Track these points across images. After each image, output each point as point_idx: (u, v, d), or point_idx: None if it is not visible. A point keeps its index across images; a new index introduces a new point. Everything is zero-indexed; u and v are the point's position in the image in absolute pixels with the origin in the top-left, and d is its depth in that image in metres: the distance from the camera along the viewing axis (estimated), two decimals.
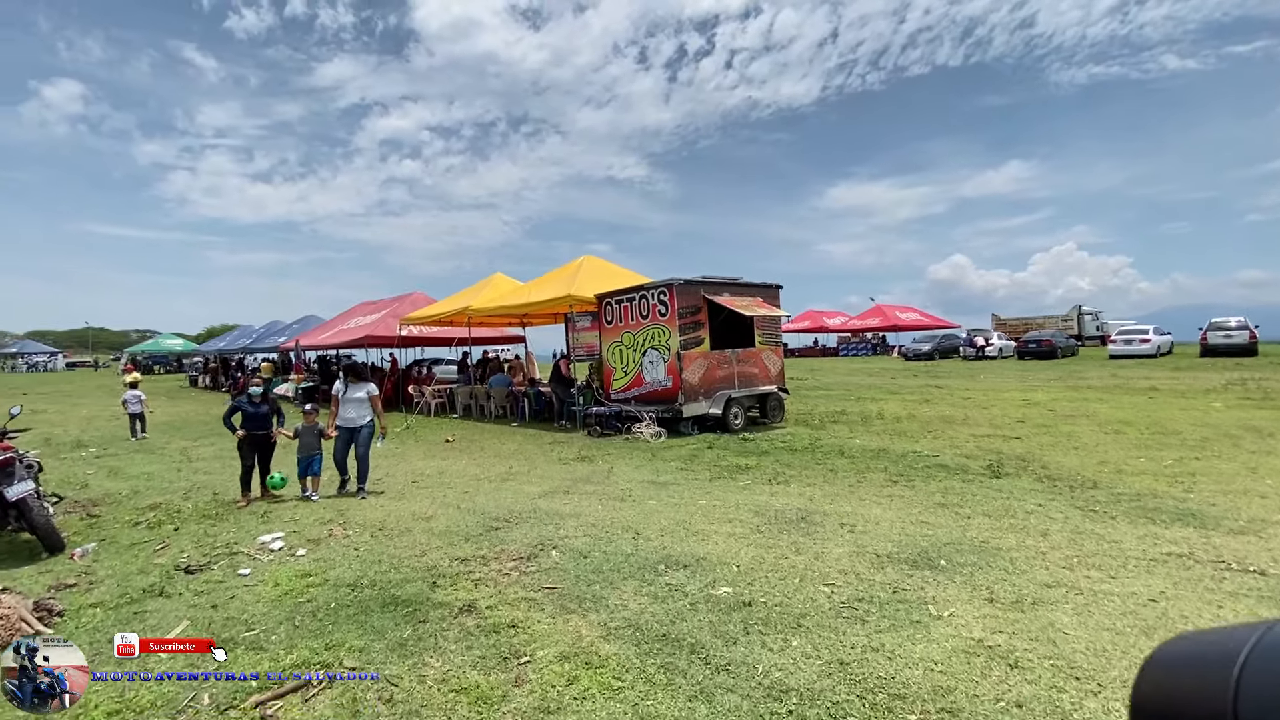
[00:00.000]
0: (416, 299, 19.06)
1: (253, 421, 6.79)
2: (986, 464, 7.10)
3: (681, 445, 9.31)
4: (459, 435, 11.58)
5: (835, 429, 10.35)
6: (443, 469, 8.27)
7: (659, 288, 10.48)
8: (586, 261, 13.30)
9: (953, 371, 23.94)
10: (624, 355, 11.23)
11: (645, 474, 7.38)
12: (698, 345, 10.50)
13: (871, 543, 4.63)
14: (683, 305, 10.31)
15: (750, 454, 8.35)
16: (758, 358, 11.57)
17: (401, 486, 7.32)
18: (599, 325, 11.76)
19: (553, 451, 9.33)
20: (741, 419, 10.77)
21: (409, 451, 9.93)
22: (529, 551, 4.71)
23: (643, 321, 10.80)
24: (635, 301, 10.92)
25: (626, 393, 11.23)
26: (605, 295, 11.53)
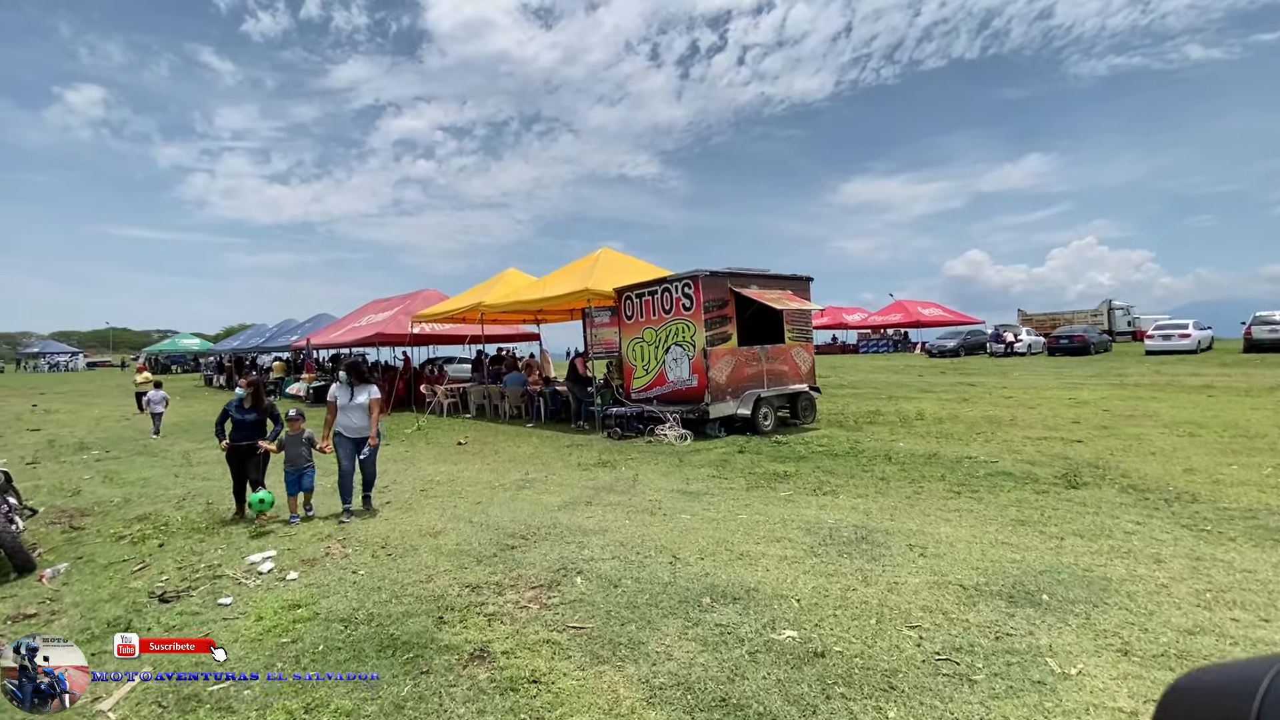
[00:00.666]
0: (428, 296, 18.57)
1: (239, 430, 5.98)
2: (1058, 472, 6.35)
3: (709, 449, 8.65)
4: (472, 437, 11.01)
5: (874, 431, 9.61)
6: (454, 475, 7.68)
7: (683, 280, 9.80)
8: (604, 254, 12.67)
9: (983, 368, 22.99)
10: (645, 352, 10.58)
11: (674, 482, 6.73)
12: (724, 341, 9.82)
13: (951, 570, 3.94)
14: (709, 299, 9.63)
15: (787, 459, 7.66)
16: (787, 355, 10.86)
17: (409, 495, 6.73)
18: (618, 321, 11.13)
19: (571, 455, 8.71)
20: (771, 420, 10.08)
21: (419, 455, 9.37)
22: (550, 578, 4.08)
23: (665, 316, 10.14)
24: (658, 295, 10.25)
25: (648, 392, 10.58)
26: (625, 289, 10.88)
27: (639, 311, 10.65)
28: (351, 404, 5.92)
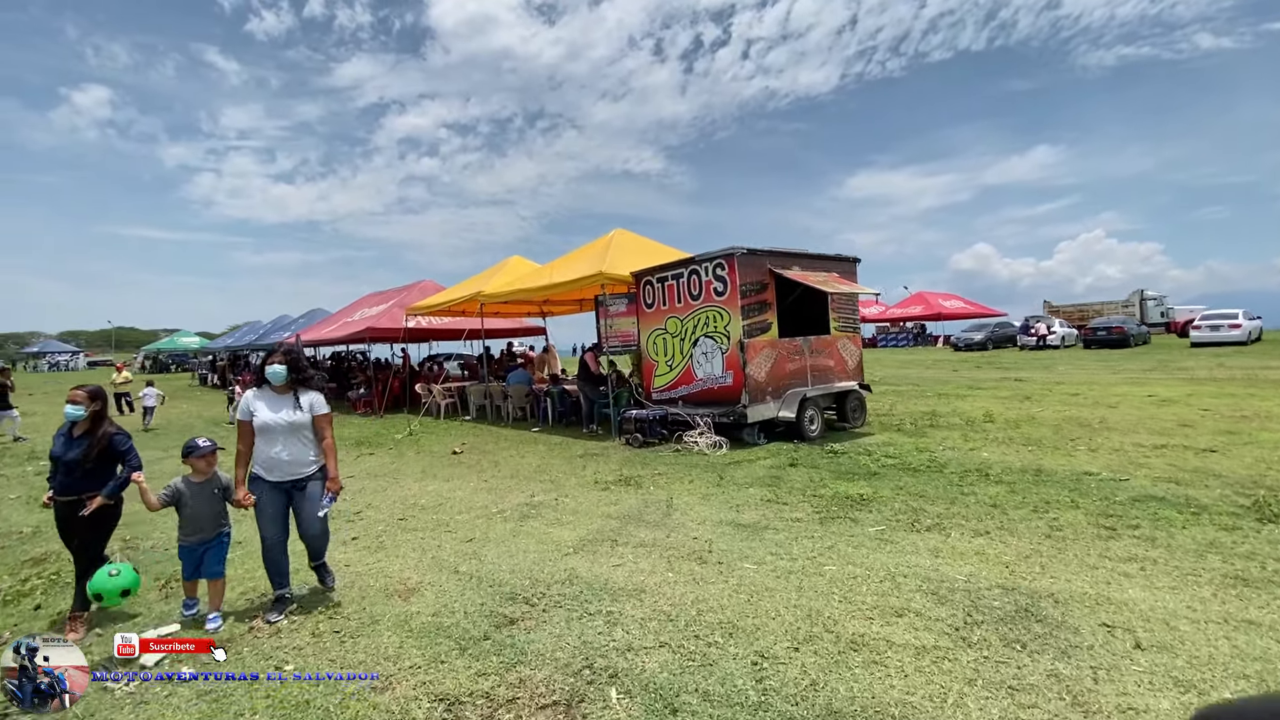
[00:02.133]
0: (425, 287, 17.15)
1: (65, 474, 3.50)
2: (1227, 496, 4.86)
3: (751, 459, 7.19)
4: (469, 444, 9.59)
5: (942, 437, 8.12)
6: (444, 496, 6.25)
7: (715, 260, 8.32)
8: (618, 236, 11.20)
9: (1020, 362, 21.41)
10: (669, 345, 9.12)
11: (719, 508, 5.28)
12: (764, 332, 8.35)
13: (1201, 677, 2.48)
14: (746, 282, 8.15)
15: (854, 476, 6.19)
16: (833, 347, 9.38)
17: (384, 528, 5.30)
18: (636, 309, 9.67)
19: (585, 469, 7.27)
20: (818, 424, 8.60)
21: (405, 467, 7.95)
22: (569, 689, 2.64)
23: (693, 304, 8.67)
24: (684, 278, 8.78)
25: (672, 391, 9.12)
26: (644, 272, 9.41)
27: (661, 298, 9.18)
28: (275, 423, 3.52)
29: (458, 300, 13.01)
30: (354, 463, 8.44)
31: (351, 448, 9.80)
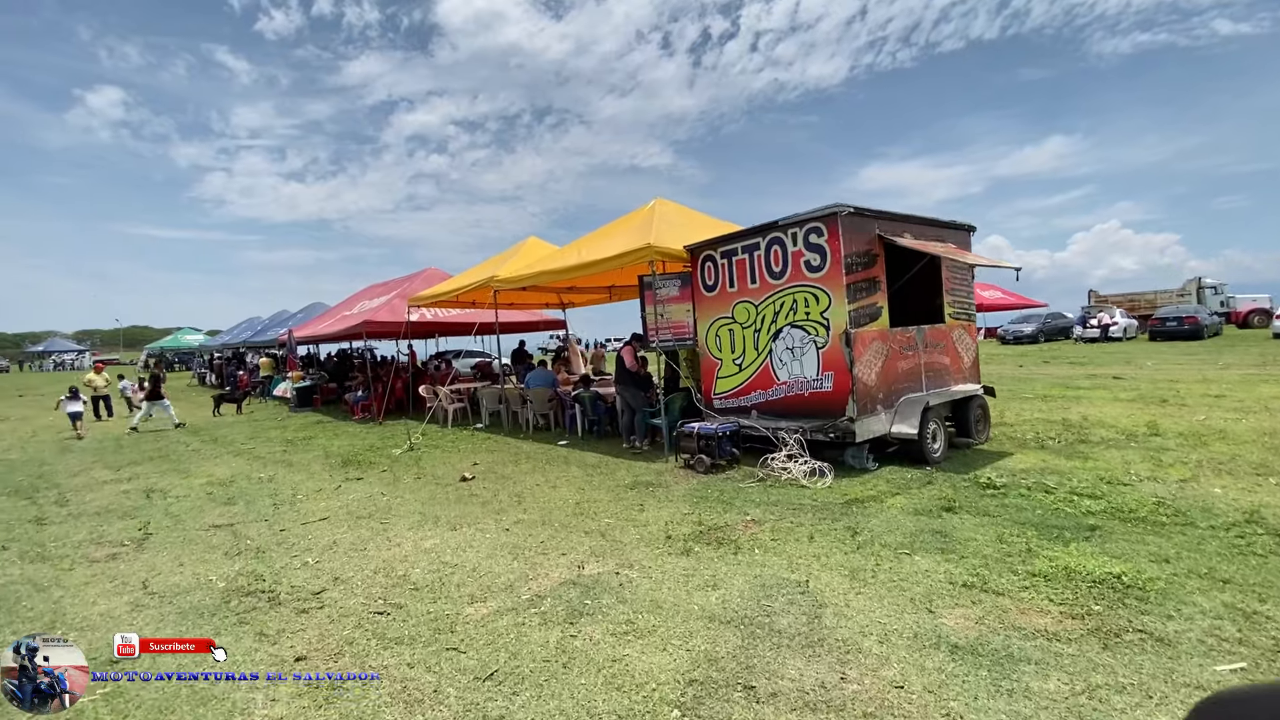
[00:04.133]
0: (430, 276, 15.21)
1: None
2: None
3: (875, 495, 5.15)
4: (483, 464, 7.61)
5: (1114, 459, 6.03)
6: (448, 561, 4.26)
7: (809, 224, 6.24)
8: (660, 206, 9.15)
9: (1090, 356, 19.11)
10: (737, 339, 7.06)
11: (893, 603, 3.24)
12: (873, 319, 6.28)
13: None
14: (852, 252, 6.08)
15: (1065, 531, 4.11)
16: (949, 340, 7.30)
17: (352, 628, 3.32)
18: (692, 293, 7.61)
19: (644, 508, 5.25)
20: (941, 441, 6.53)
21: (399, 502, 5.97)
22: None
23: (773, 283, 6.61)
24: (761, 251, 6.70)
25: (741, 397, 7.07)
26: (704, 246, 7.35)
27: (727, 278, 7.12)
28: None
29: (467, 288, 11.02)
30: (334, 493, 6.48)
31: (337, 469, 7.85)
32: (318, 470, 7.85)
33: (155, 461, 9.19)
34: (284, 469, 8.05)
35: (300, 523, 5.41)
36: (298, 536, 5.01)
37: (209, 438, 11.52)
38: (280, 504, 6.17)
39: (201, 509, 6.13)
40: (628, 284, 12.48)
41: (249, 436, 11.47)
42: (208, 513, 5.96)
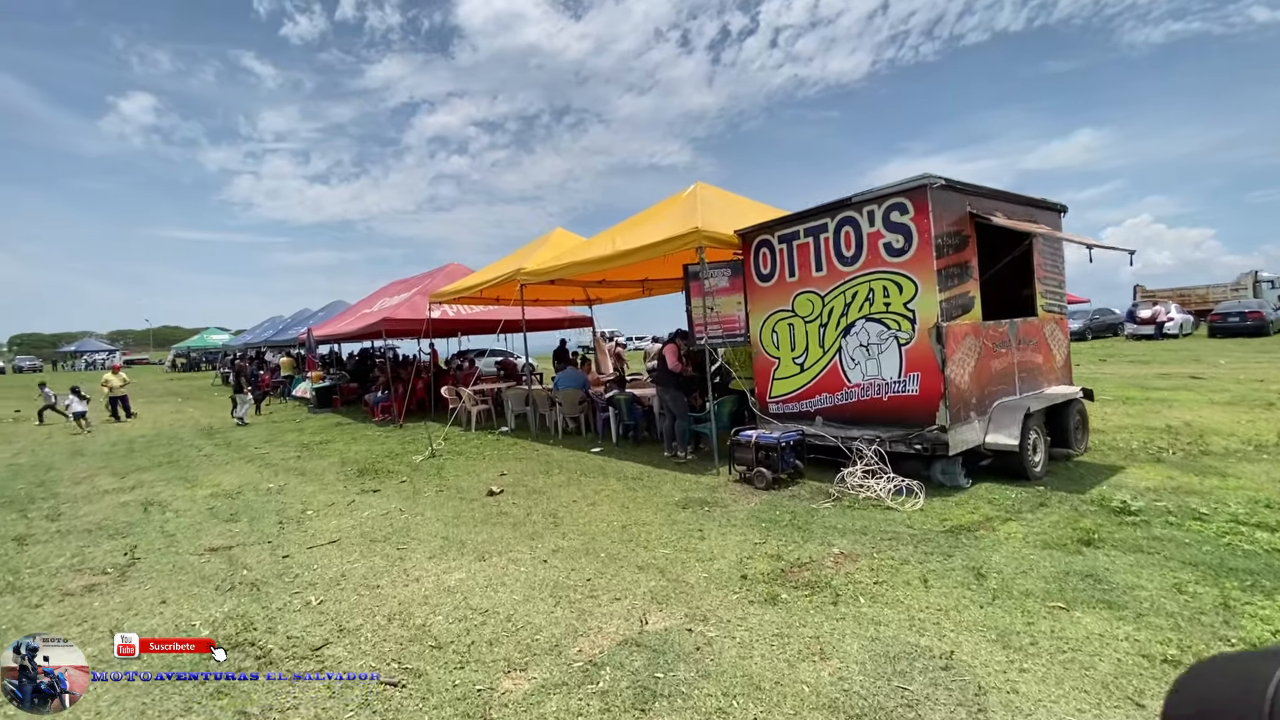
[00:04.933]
0: (452, 272, 14.56)
1: None
2: None
3: (982, 520, 4.28)
4: (510, 474, 6.87)
5: (1255, 474, 5.07)
6: (478, 605, 3.49)
7: (891, 199, 5.35)
8: (701, 190, 8.32)
9: (1152, 354, 17.80)
10: (799, 334, 6.21)
11: (1096, 694, 2.38)
12: (965, 312, 5.39)
13: None
14: (942, 232, 5.19)
15: (1255, 572, 3.21)
16: (1040, 335, 6.37)
17: (359, 700, 2.56)
18: (744, 283, 6.77)
19: (704, 534, 4.44)
20: (1042, 455, 5.61)
21: (421, 520, 5.23)
22: None
23: (844, 270, 5.73)
24: (829, 233, 5.83)
25: (803, 402, 6.21)
26: (760, 229, 6.50)
27: (786, 266, 6.26)
28: None
29: (492, 282, 10.30)
30: (347, 509, 5.78)
31: (352, 479, 7.17)
32: (331, 480, 7.18)
33: (164, 468, 8.63)
34: (296, 478, 7.40)
35: (306, 547, 4.70)
36: (302, 565, 4.29)
37: (223, 441, 10.99)
38: (287, 521, 5.48)
39: (200, 527, 5.47)
40: (662, 276, 11.68)
41: (264, 440, 10.91)
42: (206, 532, 5.29)
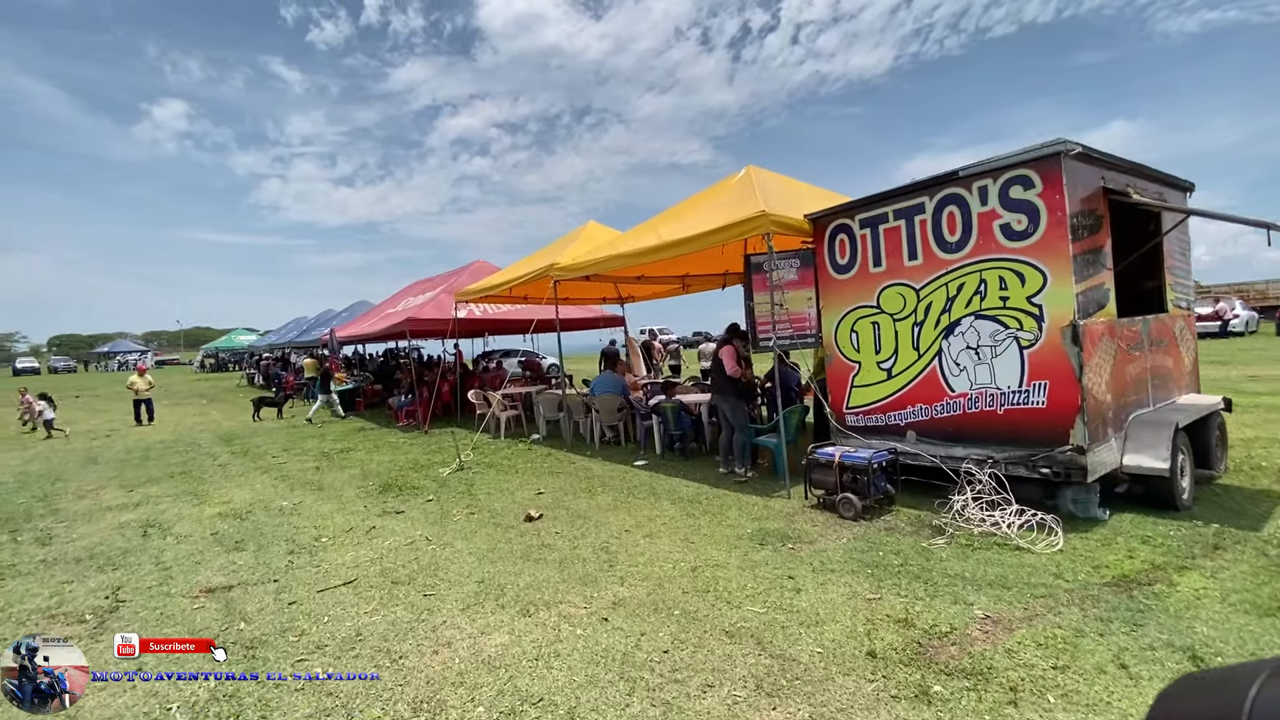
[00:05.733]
0: (478, 269, 13.87)
1: None
2: None
3: (1161, 572, 3.37)
4: (548, 494, 6.10)
5: None
6: (521, 693, 2.69)
7: (1011, 170, 4.41)
8: (755, 174, 7.45)
9: (1225, 353, 16.40)
10: (884, 335, 5.31)
11: None
12: (1100, 308, 4.45)
13: None
14: (1077, 210, 4.27)
15: None
16: (1170, 336, 5.39)
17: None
18: (815, 275, 5.89)
19: (795, 583, 3.60)
20: (1189, 480, 4.65)
21: (450, 552, 4.47)
22: None
23: (946, 258, 4.82)
24: (926, 213, 4.92)
25: (890, 413, 5.31)
26: (836, 212, 5.62)
27: (869, 254, 5.36)
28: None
29: (524, 278, 9.56)
30: (367, 537, 5.04)
31: (374, 496, 6.46)
32: (351, 497, 6.48)
33: (175, 480, 8.04)
34: (312, 494, 6.72)
35: (317, 590, 3.96)
36: (310, 617, 3.55)
37: (240, 448, 10.42)
38: (298, 551, 4.77)
39: (201, 557, 4.78)
40: (704, 272, 10.84)
41: (283, 447, 10.32)
42: (206, 564, 4.60)
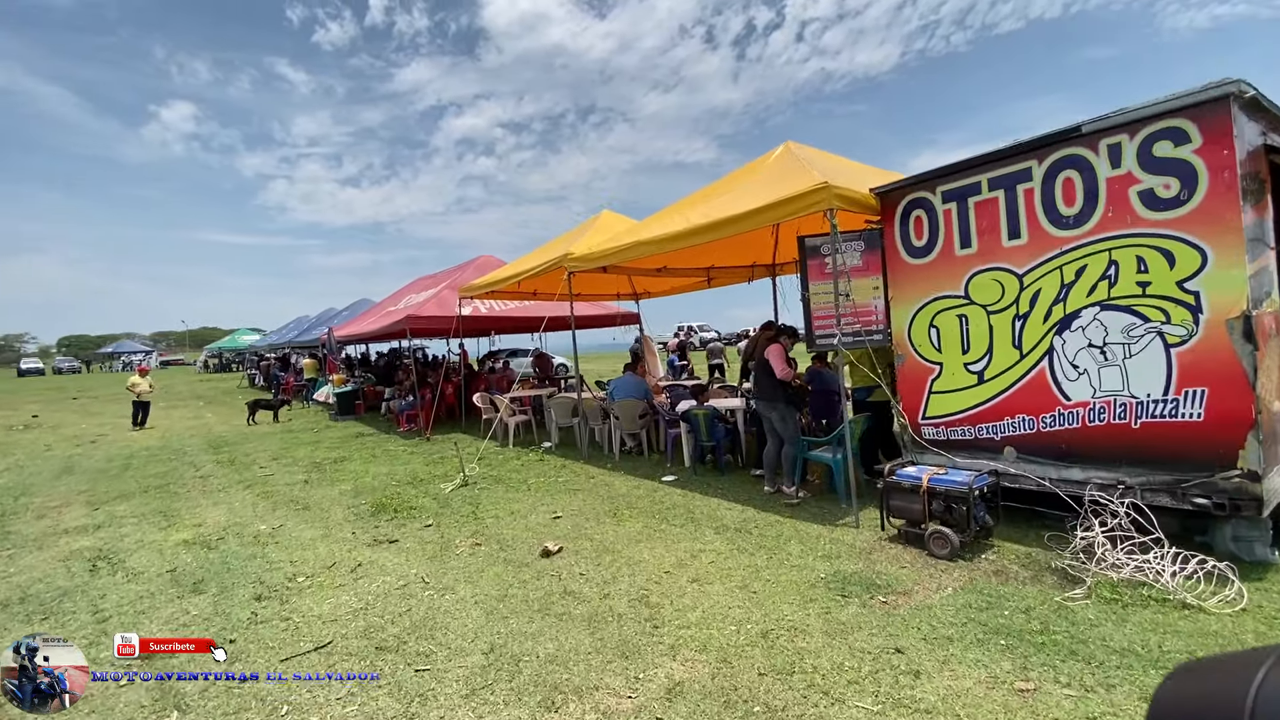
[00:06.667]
0: (483, 264, 13.03)
1: None
2: None
3: None
4: (566, 518, 5.23)
5: None
6: None
7: (1155, 120, 3.49)
8: (796, 149, 6.56)
9: None
10: (974, 330, 4.40)
11: None
12: (1266, 297, 3.54)
13: None
14: (1246, 172, 3.36)
15: None
16: None
17: None
18: (883, 260, 4.97)
19: (906, 658, 2.71)
20: None
21: (451, 607, 3.59)
22: None
23: (1060, 235, 3.91)
24: (1034, 181, 3.99)
25: (980, 425, 4.40)
26: (912, 184, 4.70)
27: (954, 233, 4.46)
28: None
29: (532, 272, 8.69)
30: (351, 577, 4.18)
31: (365, 519, 5.61)
32: (339, 520, 5.63)
33: (149, 495, 7.22)
34: (296, 515, 5.88)
35: (281, 658, 3.10)
36: (265, 708, 2.68)
37: (228, 457, 9.61)
38: (267, 596, 3.91)
39: (150, 603, 3.93)
40: (731, 263, 9.94)
41: (273, 455, 9.50)
42: (153, 614, 3.75)
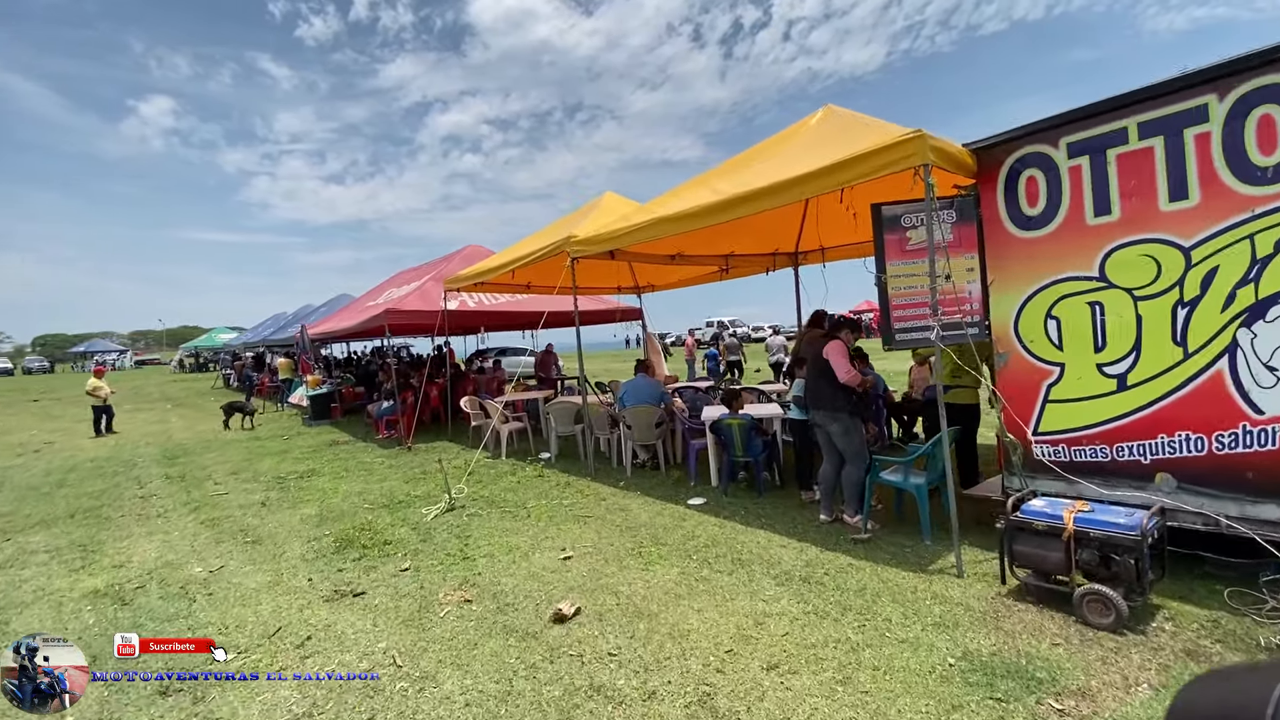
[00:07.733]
0: (470, 254, 11.92)
1: None
2: None
3: None
4: (578, 557, 4.17)
5: None
6: None
7: None
8: (836, 111, 5.54)
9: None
10: (1116, 320, 3.39)
11: None
12: None
13: None
14: None
15: None
16: None
17: None
18: (982, 233, 3.96)
19: None
20: None
21: (429, 708, 2.55)
22: None
23: (1250, 193, 2.92)
24: (1209, 121, 3.00)
25: (1123, 445, 3.41)
26: (1026, 134, 3.68)
27: (1084, 196, 3.46)
28: None
29: (529, 259, 7.61)
30: (298, 652, 3.09)
31: (329, 558, 4.51)
32: (294, 560, 4.53)
33: (75, 520, 6.07)
34: (242, 552, 4.78)
35: None
36: None
37: (180, 471, 8.43)
38: (175, 690, 2.82)
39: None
40: (752, 251, 8.90)
41: (233, 469, 8.34)
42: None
